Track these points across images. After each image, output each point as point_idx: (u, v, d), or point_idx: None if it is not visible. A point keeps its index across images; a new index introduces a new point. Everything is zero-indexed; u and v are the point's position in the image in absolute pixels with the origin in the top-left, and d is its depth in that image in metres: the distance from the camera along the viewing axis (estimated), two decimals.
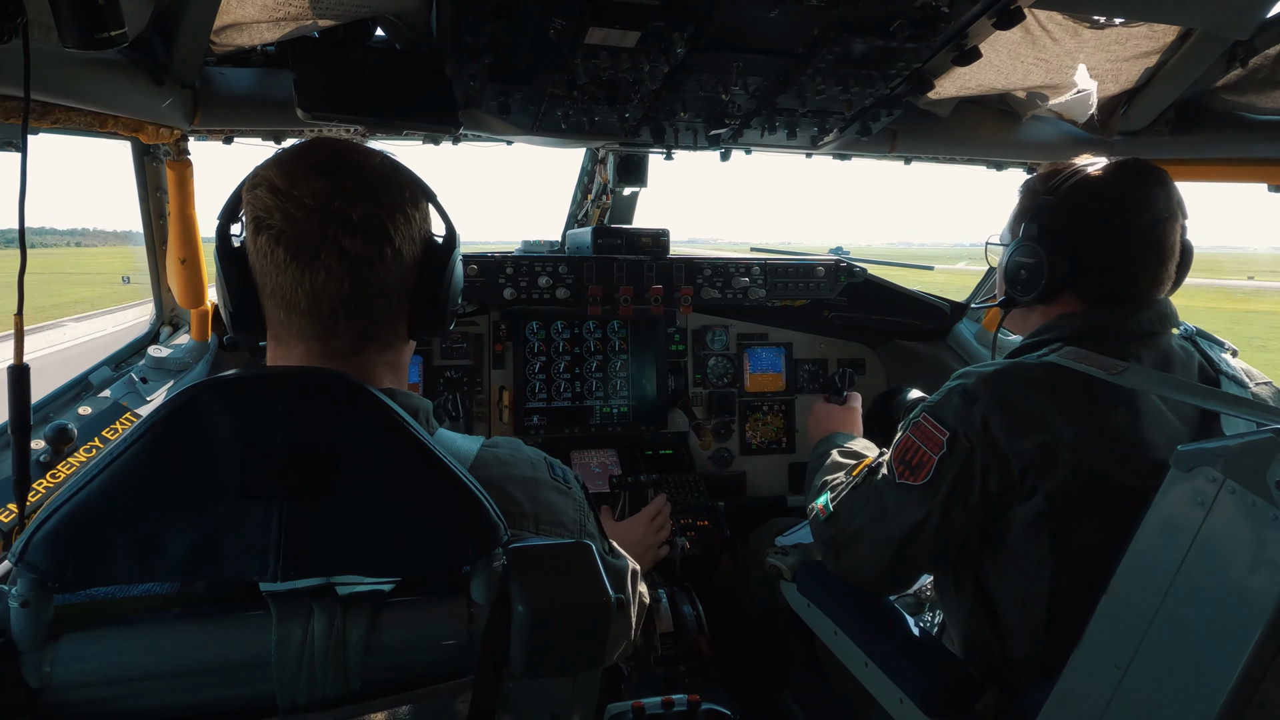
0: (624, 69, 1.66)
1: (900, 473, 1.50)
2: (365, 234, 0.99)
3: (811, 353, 3.09)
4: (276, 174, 0.99)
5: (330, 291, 0.99)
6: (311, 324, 1.02)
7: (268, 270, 1.00)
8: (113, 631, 0.83)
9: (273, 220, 0.98)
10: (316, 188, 0.98)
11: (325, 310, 1.00)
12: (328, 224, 0.97)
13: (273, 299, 1.02)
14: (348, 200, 0.98)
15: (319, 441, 0.83)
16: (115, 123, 1.66)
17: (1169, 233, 1.49)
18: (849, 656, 1.70)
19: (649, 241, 2.66)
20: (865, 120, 2.03)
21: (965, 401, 1.44)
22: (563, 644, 0.88)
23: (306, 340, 1.04)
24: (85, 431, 1.89)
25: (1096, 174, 1.52)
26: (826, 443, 2.07)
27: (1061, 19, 1.81)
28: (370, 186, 1.01)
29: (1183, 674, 1.12)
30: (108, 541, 0.79)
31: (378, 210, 1.01)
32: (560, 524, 1.07)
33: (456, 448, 1.06)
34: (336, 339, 1.03)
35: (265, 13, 1.57)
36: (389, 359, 1.10)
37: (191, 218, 2.10)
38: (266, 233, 0.98)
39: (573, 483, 1.16)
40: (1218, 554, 1.10)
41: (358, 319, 1.03)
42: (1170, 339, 1.52)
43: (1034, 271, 1.53)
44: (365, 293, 1.01)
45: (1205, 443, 1.14)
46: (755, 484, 3.00)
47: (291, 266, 0.98)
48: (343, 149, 1.04)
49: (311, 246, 0.98)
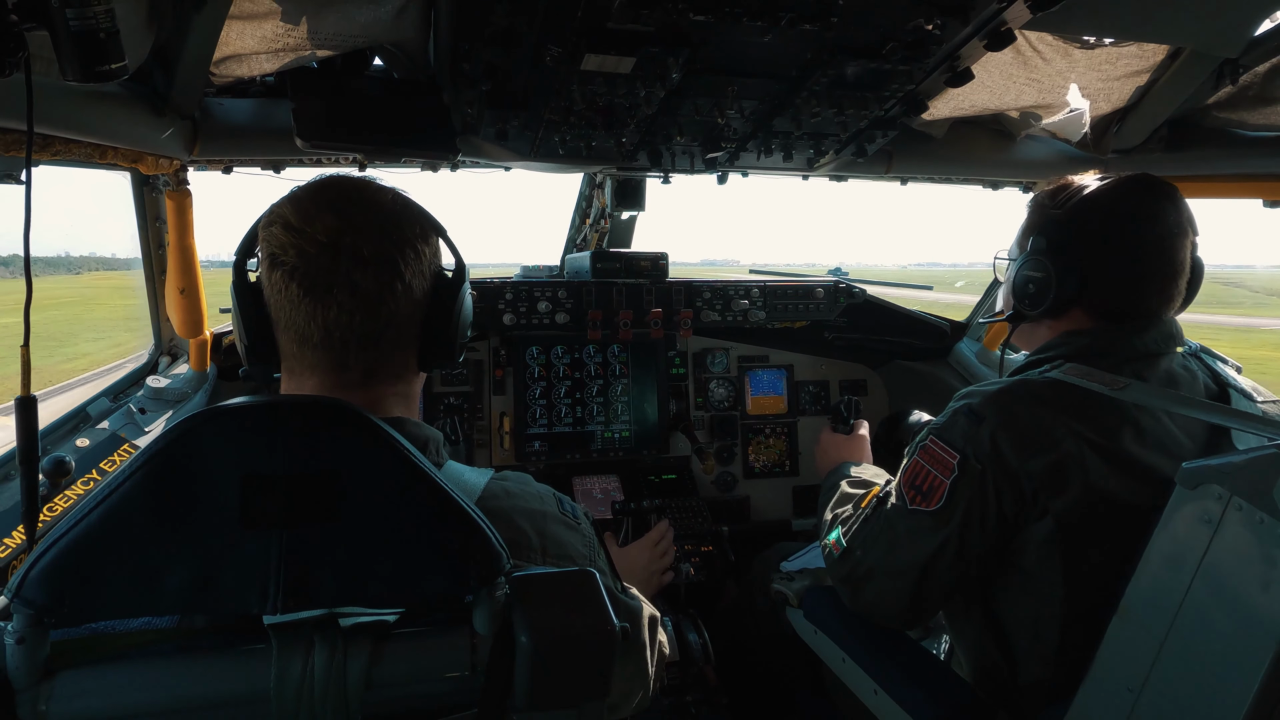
0: (620, 94, 1.67)
1: (911, 498, 1.46)
2: (376, 268, 1.02)
3: (813, 374, 3.08)
4: (291, 211, 1.02)
5: (342, 325, 1.02)
6: (324, 356, 1.04)
7: (282, 305, 1.03)
8: (110, 668, 0.81)
9: (287, 257, 1.00)
10: (329, 224, 1.01)
11: (337, 344, 1.03)
12: (339, 259, 1.00)
13: (287, 332, 1.05)
14: (359, 236, 1.01)
15: (319, 471, 0.82)
16: (115, 154, 1.67)
17: (1179, 248, 1.48)
18: (857, 683, 1.67)
19: (648, 265, 2.66)
20: (861, 142, 2.04)
21: (972, 421, 1.42)
22: (567, 674, 0.86)
23: (319, 373, 1.06)
24: (83, 464, 1.88)
25: (1105, 189, 1.51)
26: (835, 474, 2.01)
27: (1052, 40, 1.83)
28: (381, 222, 1.04)
29: (1197, 695, 1.09)
30: (106, 575, 0.78)
31: (388, 246, 1.03)
32: (569, 558, 1.06)
33: (465, 481, 1.06)
34: (348, 371, 1.06)
35: (264, 44, 1.58)
36: (400, 390, 1.12)
37: (191, 247, 2.11)
38: (281, 269, 1.01)
39: (581, 519, 1.16)
40: (1227, 573, 1.08)
41: (368, 351, 1.05)
42: (1174, 359, 1.51)
43: (1042, 286, 1.52)
44: (376, 326, 1.04)
45: (1211, 459, 1.13)
46: (759, 508, 2.97)
47: (305, 301, 1.01)
48: (355, 186, 1.08)
49: (324, 282, 1.00)
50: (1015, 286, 1.59)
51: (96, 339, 18.23)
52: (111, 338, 17.19)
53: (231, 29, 1.51)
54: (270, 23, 1.52)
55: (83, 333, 19.78)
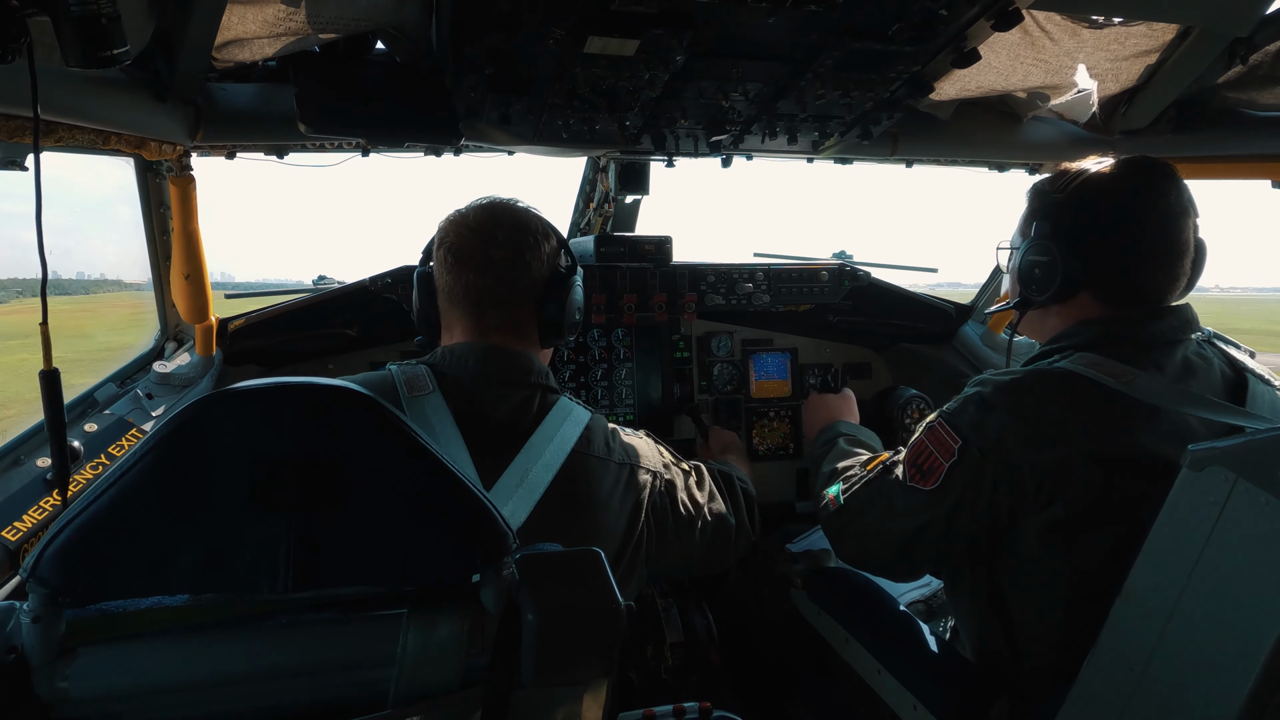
0: (624, 77, 1.66)
1: (911, 475, 1.50)
2: (507, 249, 1.48)
3: (817, 358, 3.08)
4: (459, 213, 1.54)
5: (478, 286, 1.48)
6: (466, 310, 1.49)
7: (441, 274, 1.51)
8: (124, 646, 0.82)
9: (448, 238, 1.51)
10: (481, 218, 1.51)
11: (474, 300, 1.48)
12: (480, 239, 1.49)
13: (442, 294, 1.52)
14: (497, 227, 1.50)
15: (326, 453, 0.83)
16: (118, 140, 1.67)
17: (1182, 229, 1.47)
18: (861, 664, 1.68)
19: (652, 249, 2.65)
20: (866, 124, 2.03)
21: (982, 410, 1.43)
22: (574, 652, 0.87)
23: (464, 321, 1.50)
24: (91, 449, 1.89)
25: (1105, 171, 1.51)
26: (830, 430, 2.11)
27: (1060, 19, 1.81)
28: (514, 220, 1.52)
29: (1200, 676, 1.10)
30: (117, 556, 0.79)
31: (517, 235, 1.50)
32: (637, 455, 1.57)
33: (574, 414, 1.49)
34: (484, 320, 1.49)
35: (266, 28, 1.58)
36: (527, 343, 1.53)
37: (195, 233, 2.11)
38: (444, 246, 1.51)
39: (644, 435, 1.68)
40: (1232, 554, 1.08)
41: (498, 308, 1.49)
42: (1190, 347, 1.50)
43: (1048, 270, 1.52)
44: (503, 289, 1.48)
45: (1217, 442, 1.13)
46: (763, 490, 2.96)
47: (456, 267, 1.48)
48: (502, 200, 1.56)
49: (469, 254, 1.48)
50: (1020, 273, 1.59)
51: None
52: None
53: (233, 13, 1.50)
54: (272, 7, 1.51)
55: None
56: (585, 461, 1.44)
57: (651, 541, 1.53)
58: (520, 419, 1.43)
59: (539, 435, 1.40)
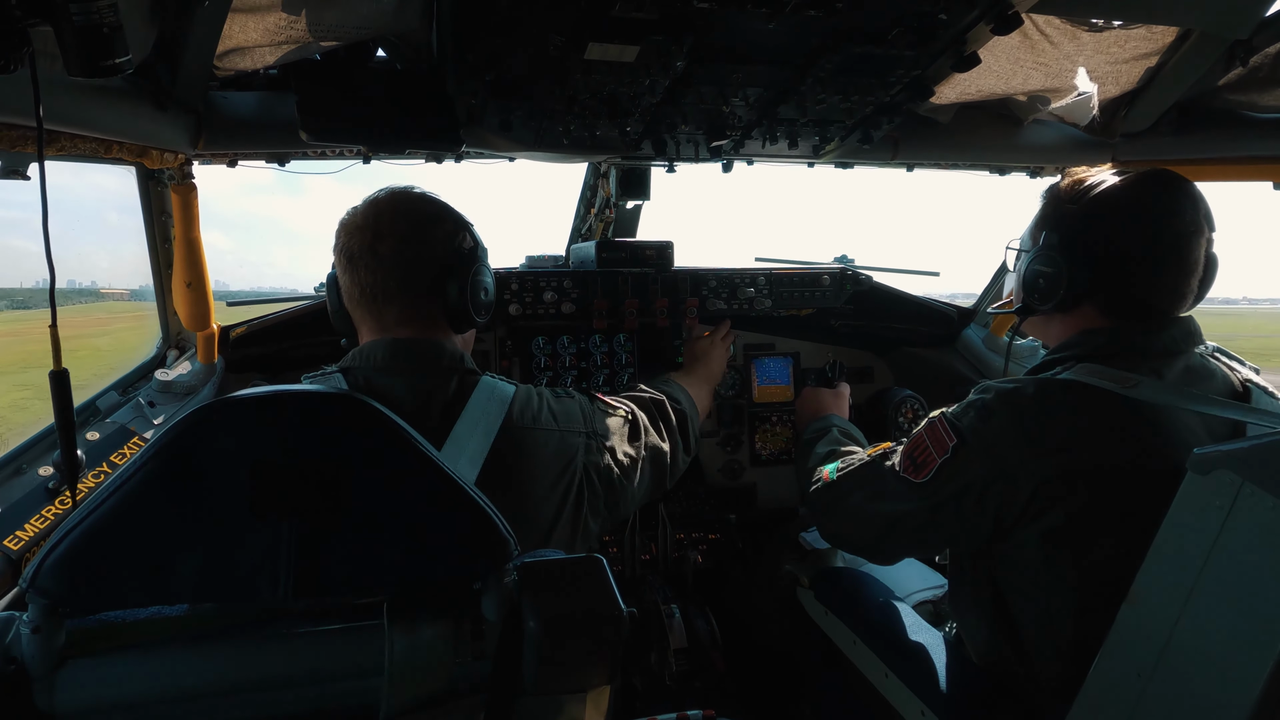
0: (624, 83, 1.66)
1: (904, 466, 1.53)
2: (390, 240, 1.41)
3: (819, 362, 3.07)
4: (349, 213, 1.46)
5: (369, 283, 1.42)
6: (368, 309, 1.44)
7: (342, 277, 1.46)
8: (122, 656, 0.82)
9: (339, 241, 1.45)
10: (366, 214, 1.43)
11: (369, 297, 1.43)
12: (366, 235, 1.41)
13: (345, 296, 1.47)
14: (380, 219, 1.42)
15: (327, 459, 0.83)
16: (120, 148, 1.67)
17: (1194, 246, 1.46)
18: (869, 667, 1.68)
19: (653, 254, 2.65)
20: (866, 128, 2.03)
21: (983, 416, 1.43)
22: (576, 659, 0.87)
23: (368, 320, 1.46)
24: (93, 457, 1.89)
25: (1121, 184, 1.49)
26: (824, 420, 2.16)
27: (1059, 23, 1.81)
28: (396, 209, 1.44)
29: (1209, 681, 1.09)
30: (118, 565, 0.79)
31: (400, 225, 1.42)
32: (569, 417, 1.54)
33: (500, 391, 1.44)
34: (384, 318, 1.44)
35: (267, 36, 1.58)
36: (434, 336, 1.45)
37: (197, 241, 2.12)
38: (338, 249, 1.45)
39: (575, 394, 1.63)
40: (1238, 558, 1.07)
41: (392, 302, 1.43)
42: (1194, 357, 1.49)
43: (1052, 281, 1.51)
44: (393, 282, 1.42)
45: (1222, 445, 1.12)
46: (766, 495, 2.98)
47: (349, 269, 1.43)
48: (388, 193, 1.47)
49: (356, 252, 1.42)
50: (1025, 280, 1.59)
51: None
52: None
53: (234, 22, 1.51)
54: (273, 15, 1.52)
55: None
56: (516, 435, 1.42)
57: (595, 500, 1.54)
58: (439, 406, 1.39)
59: (464, 419, 1.37)
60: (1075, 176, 1.57)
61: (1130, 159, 2.32)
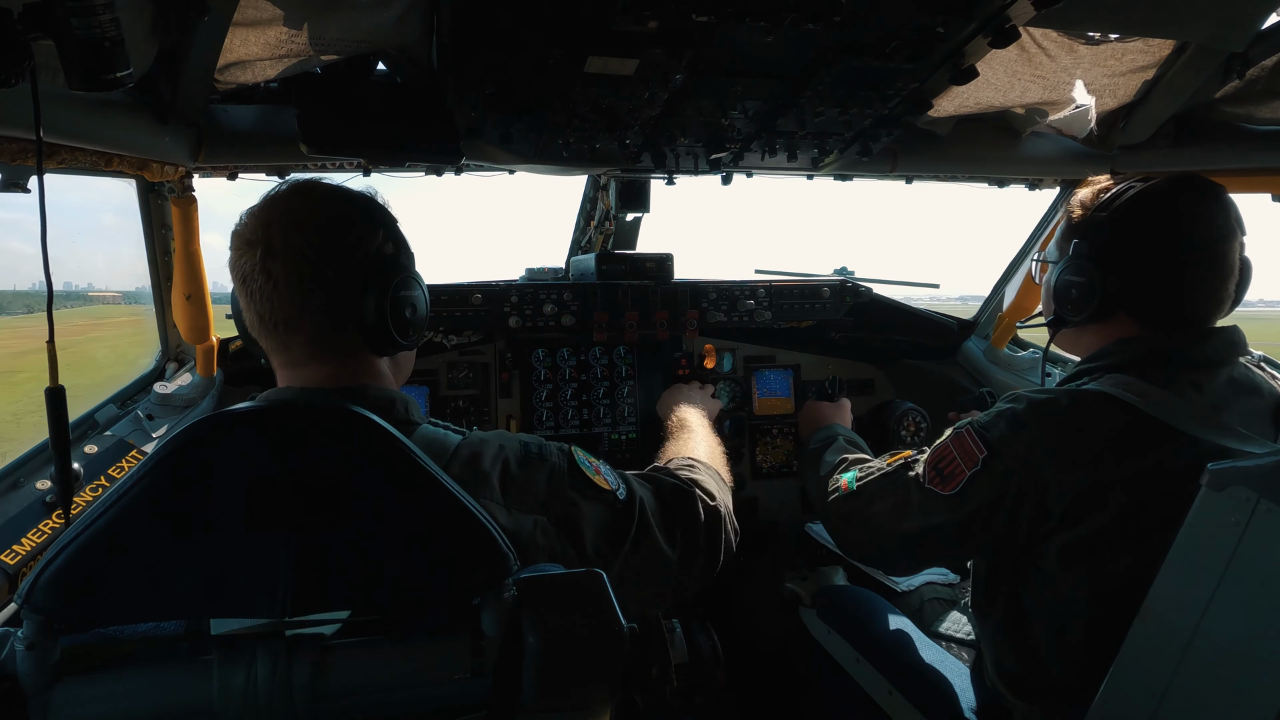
0: (623, 96, 1.67)
1: (930, 478, 1.48)
2: (286, 256, 1.11)
3: (820, 374, 3.07)
4: (239, 222, 1.16)
5: (266, 311, 1.14)
6: (270, 341, 1.18)
7: (238, 303, 1.18)
8: (118, 673, 0.81)
9: (231, 259, 1.16)
10: (254, 226, 1.14)
11: (269, 327, 1.16)
12: (256, 252, 1.12)
13: (248, 325, 1.19)
14: (270, 230, 1.12)
15: (326, 473, 0.82)
16: (120, 161, 1.68)
17: (1228, 251, 1.44)
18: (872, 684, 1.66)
19: (653, 266, 2.66)
20: (865, 141, 2.04)
21: (1013, 426, 1.41)
22: (576, 675, 0.86)
23: (275, 355, 1.20)
24: (91, 471, 1.88)
25: (1151, 191, 1.47)
26: (827, 430, 2.12)
27: (1057, 36, 1.82)
28: (292, 216, 1.14)
29: (1223, 699, 1.07)
30: (114, 580, 0.78)
31: (296, 235, 1.12)
32: (532, 486, 1.19)
33: (439, 440, 1.18)
34: (290, 350, 1.17)
35: (268, 50, 1.59)
36: (356, 368, 1.20)
37: (197, 254, 2.12)
38: (230, 270, 1.16)
39: (550, 450, 1.27)
40: (1254, 575, 1.06)
41: (296, 333, 1.15)
42: (1238, 368, 1.46)
43: (1085, 291, 1.49)
44: (292, 308, 1.13)
45: (1237, 460, 1.11)
46: (767, 508, 2.96)
47: (243, 294, 1.15)
48: (281, 194, 1.18)
49: (249, 274, 1.13)
50: (1056, 291, 1.55)
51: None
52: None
53: (235, 35, 1.51)
54: (274, 29, 1.52)
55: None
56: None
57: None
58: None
59: None
60: (1100, 184, 1.55)
61: (1129, 171, 2.33)
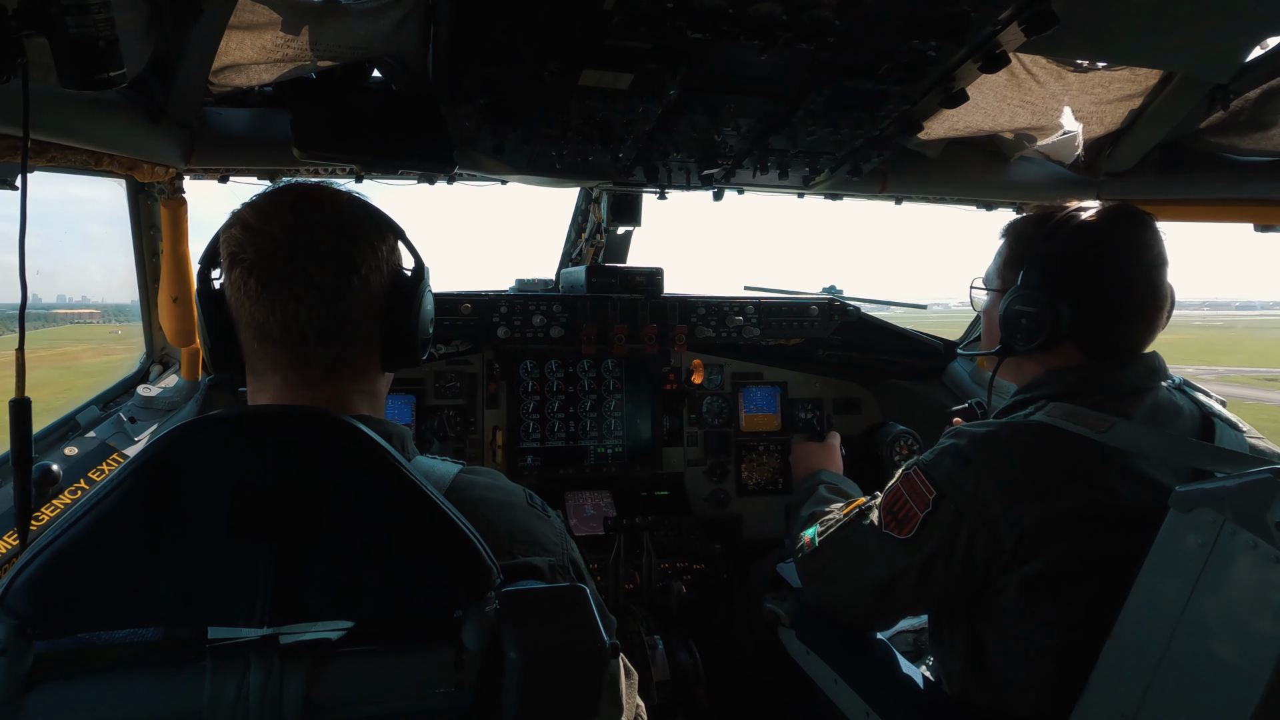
0: (617, 110, 1.68)
1: (886, 523, 1.48)
2: (333, 262, 1.03)
3: (807, 392, 3.08)
4: (250, 213, 1.04)
5: (300, 319, 1.02)
6: (285, 353, 1.05)
7: (242, 302, 1.04)
8: (93, 680, 0.79)
9: (245, 254, 1.02)
10: (286, 222, 1.03)
11: (296, 339, 1.03)
12: (296, 254, 1.02)
13: (247, 330, 1.05)
14: (315, 232, 1.03)
15: (308, 481, 0.81)
16: (111, 161, 1.67)
17: (1164, 279, 1.48)
18: (850, 706, 1.65)
19: (643, 280, 2.66)
20: (856, 160, 2.06)
21: (958, 463, 1.41)
22: (557, 691, 0.85)
23: (281, 370, 1.06)
24: (71, 473, 1.86)
25: (1095, 220, 1.49)
26: (812, 479, 2.12)
27: (1046, 63, 1.85)
28: (337, 220, 1.06)
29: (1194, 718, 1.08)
30: (91, 586, 0.76)
31: (344, 241, 1.05)
32: (540, 545, 1.05)
33: (434, 473, 1.07)
34: (309, 367, 1.06)
35: (264, 54, 1.59)
36: (363, 388, 1.12)
37: (185, 256, 2.10)
38: (240, 266, 1.02)
39: (551, 513, 1.17)
40: (1221, 596, 1.07)
41: (329, 346, 1.05)
42: (1160, 393, 1.49)
43: (1036, 321, 1.49)
44: (333, 320, 1.04)
45: (1204, 483, 1.13)
46: (752, 525, 2.96)
47: (263, 296, 1.02)
48: (311, 189, 1.09)
49: (281, 276, 1.01)
50: (1005, 320, 1.55)
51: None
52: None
53: (231, 39, 1.51)
54: (270, 33, 1.52)
55: None
56: (460, 505, 0.99)
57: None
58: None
59: None
60: (1039, 211, 1.57)
61: (1115, 198, 2.36)
